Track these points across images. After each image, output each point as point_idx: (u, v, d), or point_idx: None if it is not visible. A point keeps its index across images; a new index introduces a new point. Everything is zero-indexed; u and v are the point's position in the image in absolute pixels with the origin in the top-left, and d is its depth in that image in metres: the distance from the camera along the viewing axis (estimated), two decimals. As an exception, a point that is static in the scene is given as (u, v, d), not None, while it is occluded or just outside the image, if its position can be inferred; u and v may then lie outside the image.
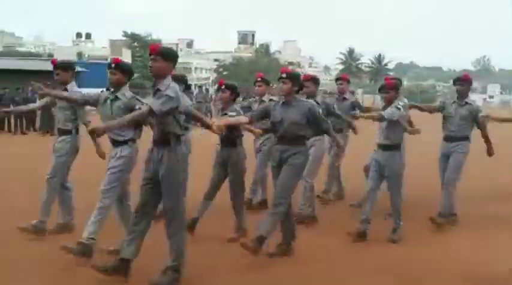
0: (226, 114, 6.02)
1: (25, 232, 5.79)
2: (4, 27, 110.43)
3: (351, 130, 8.06)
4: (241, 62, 68.84)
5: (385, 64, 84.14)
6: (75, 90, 5.84)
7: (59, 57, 54.25)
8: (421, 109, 7.46)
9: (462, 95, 6.98)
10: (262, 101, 7.06)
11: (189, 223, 5.76)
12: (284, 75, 5.37)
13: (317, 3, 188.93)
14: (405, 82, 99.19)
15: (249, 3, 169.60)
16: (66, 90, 5.82)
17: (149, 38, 68.62)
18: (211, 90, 45.76)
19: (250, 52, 77.82)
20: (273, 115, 5.46)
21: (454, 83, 7.20)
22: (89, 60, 49.84)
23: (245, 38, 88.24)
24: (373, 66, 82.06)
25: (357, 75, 76.22)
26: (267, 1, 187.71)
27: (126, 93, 5.29)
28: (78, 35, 78.48)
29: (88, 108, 6.09)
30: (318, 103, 6.43)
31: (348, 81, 8.43)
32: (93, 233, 5.12)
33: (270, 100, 6.75)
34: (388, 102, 6.18)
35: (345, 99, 8.04)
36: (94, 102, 5.39)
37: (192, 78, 75.21)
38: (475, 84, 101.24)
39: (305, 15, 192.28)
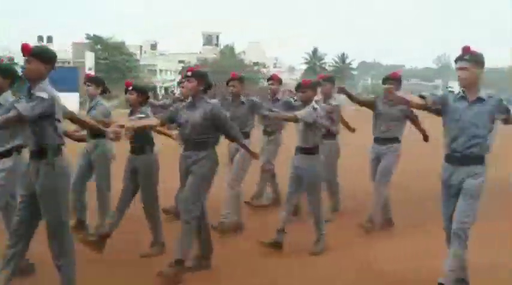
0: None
1: None
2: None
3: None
4: (206, 63, 67.93)
5: (349, 63, 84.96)
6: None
7: (20, 61, 52.29)
8: (350, 97, 6.85)
9: None
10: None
11: (98, 237, 5.52)
12: (189, 73, 5.02)
13: (282, 5, 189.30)
14: (368, 81, 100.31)
15: (214, 5, 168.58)
16: None
17: (112, 40, 67.15)
18: (178, 92, 44.49)
19: (215, 54, 77.02)
20: (180, 117, 5.05)
21: (383, 82, 6.72)
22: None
23: (210, 40, 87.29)
24: (337, 65, 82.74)
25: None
26: (232, 3, 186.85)
27: (9, 98, 4.78)
28: (40, 38, 76.13)
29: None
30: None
31: (280, 82, 8.03)
32: None
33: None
34: (305, 102, 5.77)
35: (277, 99, 7.59)
36: None
37: (157, 80, 73.95)
38: (438, 82, 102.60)
39: (270, 17, 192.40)
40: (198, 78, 4.95)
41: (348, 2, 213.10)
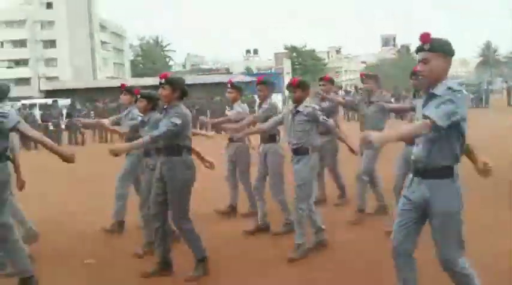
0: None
1: None
2: (190, 50, 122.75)
3: None
4: (385, 63, 69.76)
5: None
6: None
7: (234, 70, 60.12)
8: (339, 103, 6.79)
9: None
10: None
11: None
12: (163, 81, 4.30)
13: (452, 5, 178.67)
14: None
15: (391, 8, 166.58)
16: None
17: (305, 48, 73.08)
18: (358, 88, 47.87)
19: (394, 54, 78.07)
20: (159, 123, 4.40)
21: (319, 83, 6.76)
22: (259, 71, 54.74)
23: (387, 41, 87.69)
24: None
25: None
26: (406, 7, 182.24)
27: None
28: (248, 51, 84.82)
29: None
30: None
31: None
32: None
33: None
34: (297, 102, 4.95)
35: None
36: None
37: (342, 80, 78.10)
38: None
39: (445, 13, 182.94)
40: (172, 85, 4.28)
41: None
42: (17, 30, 63.86)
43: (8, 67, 63.10)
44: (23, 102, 27.28)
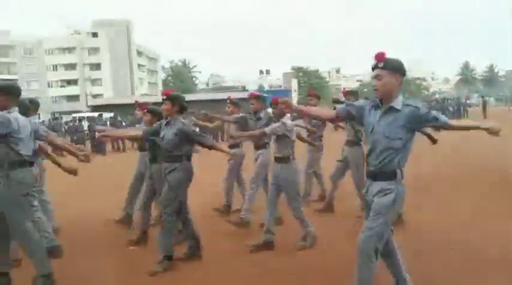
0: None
1: None
2: (213, 70, 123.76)
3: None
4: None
5: (497, 72, 78.61)
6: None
7: (249, 88, 60.49)
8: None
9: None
10: (258, 118, 5.62)
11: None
12: (164, 97, 4.31)
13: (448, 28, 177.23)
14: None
15: (384, 33, 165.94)
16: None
17: (310, 69, 73.08)
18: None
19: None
20: (160, 134, 4.37)
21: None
22: (271, 88, 54.82)
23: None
24: (486, 74, 77.47)
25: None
26: (391, 31, 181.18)
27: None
28: (261, 72, 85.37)
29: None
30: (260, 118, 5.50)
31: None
32: None
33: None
34: (254, 113, 5.18)
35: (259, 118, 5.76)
36: None
37: (341, 96, 77.47)
38: None
39: (428, 36, 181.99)
40: (172, 101, 4.27)
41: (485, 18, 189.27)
42: (68, 56, 64.76)
43: (61, 87, 63.96)
44: (74, 115, 27.79)
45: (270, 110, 5.28)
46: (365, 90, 74.18)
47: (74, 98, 62.32)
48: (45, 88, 61.62)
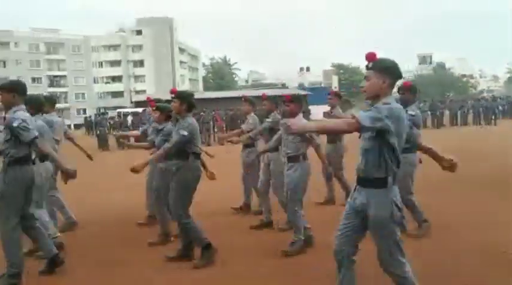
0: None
1: None
2: (252, 67, 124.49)
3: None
4: (421, 78, 67.73)
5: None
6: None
7: (289, 84, 60.40)
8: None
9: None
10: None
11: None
12: (173, 95, 4.30)
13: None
14: None
15: (428, 29, 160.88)
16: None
17: (350, 66, 72.11)
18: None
19: (430, 70, 75.42)
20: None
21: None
22: (311, 86, 54.48)
23: (424, 59, 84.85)
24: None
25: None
26: (445, 26, 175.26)
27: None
28: (301, 69, 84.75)
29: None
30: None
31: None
32: None
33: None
34: (290, 115, 4.56)
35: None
36: None
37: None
38: None
39: (476, 33, 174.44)
40: (180, 99, 4.23)
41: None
42: (113, 53, 66.93)
43: (106, 83, 66.23)
44: (118, 110, 28.72)
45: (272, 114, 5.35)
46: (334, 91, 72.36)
47: (118, 94, 64.35)
48: (91, 84, 63.96)
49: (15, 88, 3.78)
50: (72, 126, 49.22)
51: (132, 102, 43.37)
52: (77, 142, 5.81)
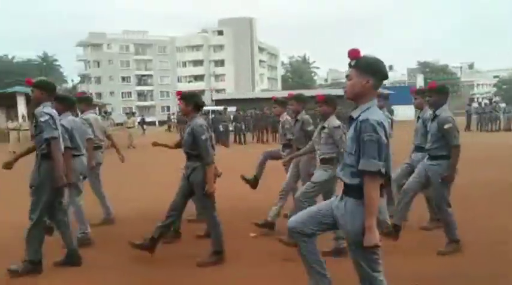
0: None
1: None
2: (331, 65, 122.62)
3: None
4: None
5: None
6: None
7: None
8: None
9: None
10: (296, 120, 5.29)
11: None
12: (178, 97, 4.33)
13: None
14: None
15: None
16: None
17: (438, 64, 68.36)
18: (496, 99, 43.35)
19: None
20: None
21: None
22: (394, 85, 52.52)
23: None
24: None
25: None
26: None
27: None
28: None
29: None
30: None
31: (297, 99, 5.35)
32: None
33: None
34: (324, 116, 4.40)
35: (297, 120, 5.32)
36: None
37: (474, 93, 71.51)
38: None
39: None
40: (185, 100, 4.23)
41: None
42: (196, 53, 69.58)
43: (189, 82, 69.07)
44: (199, 109, 29.66)
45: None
46: (504, 86, 67.26)
47: (200, 92, 66.88)
48: (175, 83, 67.07)
49: (45, 87, 4.06)
50: (157, 123, 51.99)
51: (212, 100, 44.78)
52: (114, 142, 6.01)
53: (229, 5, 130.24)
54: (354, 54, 2.47)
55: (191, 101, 4.24)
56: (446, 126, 4.15)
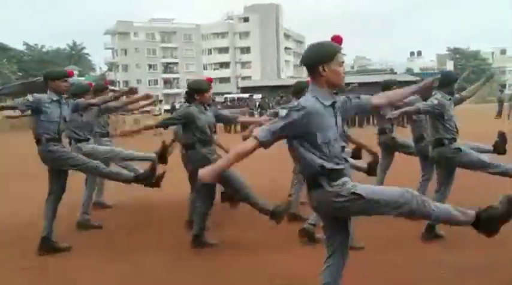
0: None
1: None
2: (358, 53, 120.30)
3: None
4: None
5: None
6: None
7: (397, 70, 57.52)
8: None
9: None
10: None
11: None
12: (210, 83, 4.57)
13: None
14: None
15: None
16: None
17: (469, 50, 66.39)
18: None
19: None
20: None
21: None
22: (422, 71, 51.41)
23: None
24: None
25: None
26: None
27: None
28: (412, 53, 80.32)
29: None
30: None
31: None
32: None
33: None
34: None
35: None
36: None
37: (506, 79, 69.28)
38: None
39: None
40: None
41: None
42: (221, 40, 69.59)
43: (214, 69, 69.29)
44: (225, 96, 29.92)
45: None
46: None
47: (225, 80, 66.94)
48: (200, 71, 67.38)
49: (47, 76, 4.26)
50: (183, 110, 52.30)
51: (238, 88, 44.82)
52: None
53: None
54: (339, 40, 2.46)
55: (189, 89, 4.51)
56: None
